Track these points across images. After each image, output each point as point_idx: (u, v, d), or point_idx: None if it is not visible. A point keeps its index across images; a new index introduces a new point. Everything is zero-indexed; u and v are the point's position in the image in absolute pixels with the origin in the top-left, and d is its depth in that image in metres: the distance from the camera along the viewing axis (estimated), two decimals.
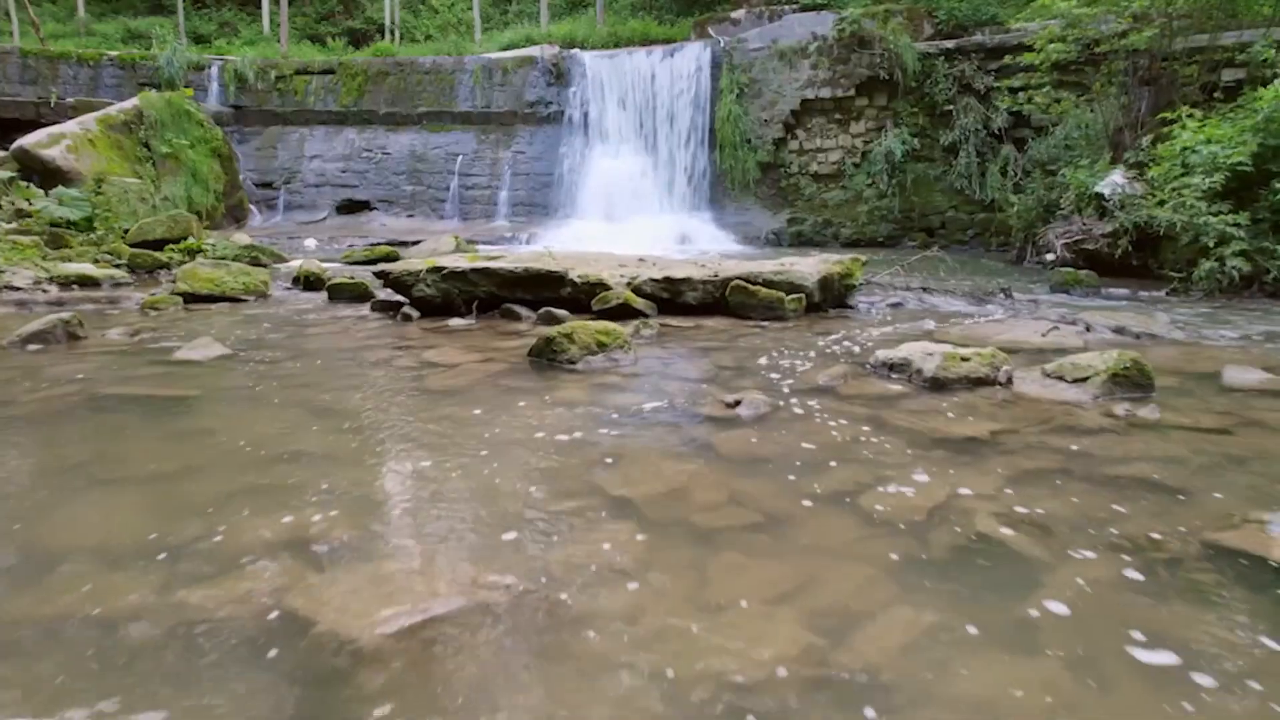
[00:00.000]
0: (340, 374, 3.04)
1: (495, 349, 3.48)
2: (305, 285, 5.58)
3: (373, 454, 2.09)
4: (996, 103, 10.31)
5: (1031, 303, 5.00)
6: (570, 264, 4.63)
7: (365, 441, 2.20)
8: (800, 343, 3.63)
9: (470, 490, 1.83)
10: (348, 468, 1.98)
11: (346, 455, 2.08)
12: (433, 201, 12.82)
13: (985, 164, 10.52)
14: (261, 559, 1.49)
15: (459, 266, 4.27)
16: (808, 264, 4.56)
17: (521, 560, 1.48)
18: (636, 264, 4.84)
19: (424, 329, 4.03)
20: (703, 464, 2.04)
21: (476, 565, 1.45)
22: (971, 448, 2.19)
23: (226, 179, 12.15)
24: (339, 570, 1.46)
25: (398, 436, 2.24)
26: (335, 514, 1.68)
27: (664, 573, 1.46)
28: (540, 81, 12.89)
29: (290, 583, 1.40)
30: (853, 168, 11.48)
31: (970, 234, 10.74)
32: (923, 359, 2.90)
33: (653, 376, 2.95)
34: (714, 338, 3.77)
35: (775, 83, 11.69)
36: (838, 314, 4.50)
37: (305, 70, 13.55)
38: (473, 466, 1.98)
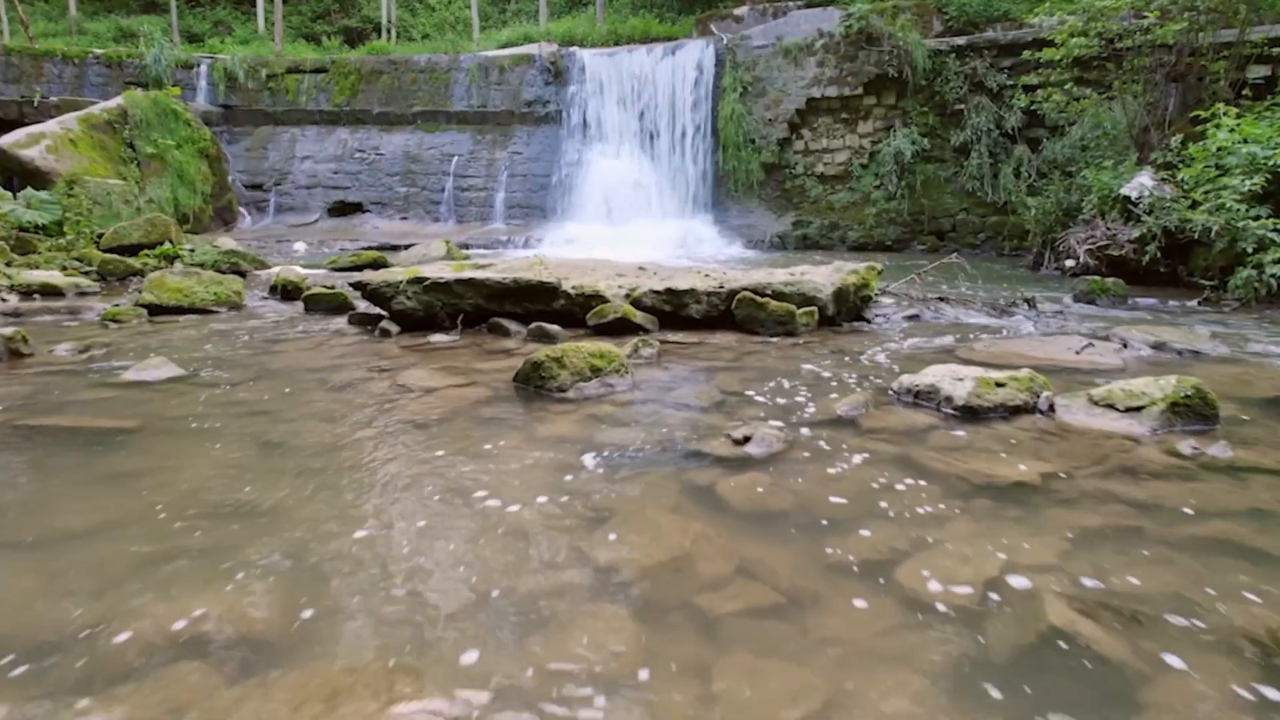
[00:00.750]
0: (303, 400, 2.73)
1: (478, 371, 3.16)
2: (283, 295, 5.27)
3: (323, 509, 1.78)
4: (1010, 101, 9.99)
5: (1057, 314, 4.68)
6: (564, 273, 4.32)
7: (316, 491, 1.88)
8: (814, 363, 3.32)
9: (434, 563, 1.52)
10: (289, 527, 1.67)
11: (291, 510, 1.77)
12: (427, 204, 12.51)
13: (998, 165, 10.20)
14: (158, 664, 1.18)
15: (442, 277, 3.96)
16: (821, 274, 4.24)
17: (484, 669, 1.17)
18: (636, 273, 4.53)
19: (403, 346, 3.72)
20: (708, 521, 1.72)
21: (427, 679, 1.14)
22: (1021, 497, 1.88)
23: (215, 180, 11.85)
24: (254, 682, 1.15)
25: (355, 485, 1.93)
26: (261, 597, 1.38)
27: (659, 682, 1.15)
28: (538, 80, 12.58)
29: (188, 702, 1.10)
30: (860, 169, 11.16)
31: (982, 238, 10.42)
32: (952, 385, 2.58)
33: (652, 405, 2.64)
34: (720, 357, 3.45)
35: (780, 81, 11.38)
36: (852, 328, 4.19)
37: (297, 69, 13.25)
38: (439, 528, 1.67)
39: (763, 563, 1.54)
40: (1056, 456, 2.15)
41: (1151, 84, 7.03)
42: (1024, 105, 9.76)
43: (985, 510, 1.80)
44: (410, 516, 1.72)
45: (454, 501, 1.81)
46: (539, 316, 4.07)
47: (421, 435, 2.31)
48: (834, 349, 3.63)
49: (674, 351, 3.55)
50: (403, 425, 2.41)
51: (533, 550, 1.57)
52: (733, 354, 3.51)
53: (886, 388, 2.82)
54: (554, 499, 1.82)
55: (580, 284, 4.09)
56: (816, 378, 3.03)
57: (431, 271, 4.06)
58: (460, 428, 2.38)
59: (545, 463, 2.06)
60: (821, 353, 3.55)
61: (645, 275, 4.44)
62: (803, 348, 3.67)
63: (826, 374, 3.10)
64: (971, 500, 1.86)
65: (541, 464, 2.05)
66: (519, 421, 2.44)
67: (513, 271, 4.28)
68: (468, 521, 1.70)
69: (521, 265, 4.40)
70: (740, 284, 4.09)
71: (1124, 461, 2.12)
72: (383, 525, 1.68)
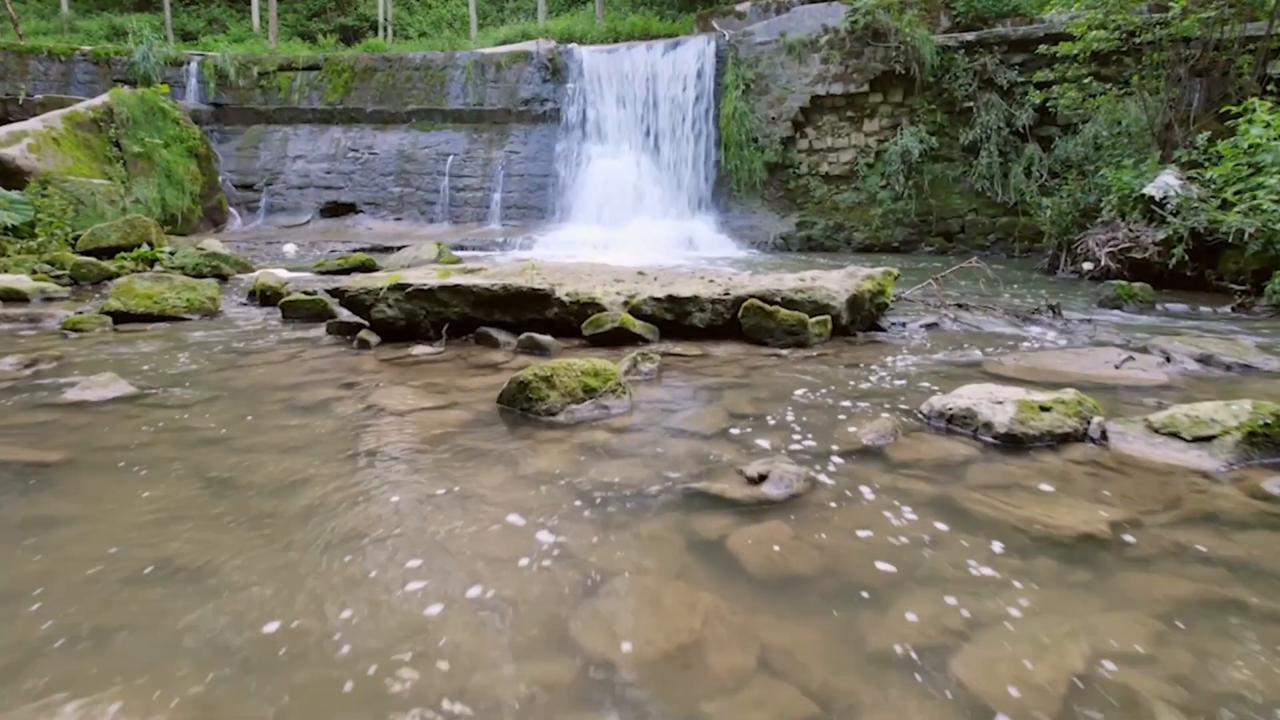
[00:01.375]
0: (262, 426, 2.43)
1: (461, 389, 2.87)
2: (262, 300, 4.98)
3: (258, 575, 1.49)
4: (1021, 99, 9.69)
5: (1084, 322, 4.38)
6: (558, 279, 4.03)
7: (254, 549, 1.59)
8: (830, 379, 3.02)
9: (385, 646, 1.22)
10: (216, 600, 1.38)
11: (224, 573, 1.48)
12: (422, 204, 12.22)
13: (1008, 164, 9.90)
14: None
15: (425, 284, 3.66)
16: (834, 279, 3.95)
17: None
18: (635, 278, 4.24)
19: (382, 359, 3.42)
20: (720, 591, 1.43)
21: None
22: (1089, 554, 1.58)
23: (204, 180, 11.56)
24: None
25: (301, 542, 1.63)
26: (161, 704, 1.08)
27: None
28: (535, 78, 12.28)
29: None
30: (866, 168, 10.86)
31: (992, 239, 10.12)
32: (991, 409, 2.29)
33: (652, 431, 2.34)
34: (726, 371, 3.16)
35: (783, 78, 11.08)
36: (867, 338, 3.89)
37: (289, 66, 12.95)
38: (396, 603, 1.37)
39: (788, 653, 1.24)
40: (1121, 499, 1.86)
41: (1173, 79, 6.73)
42: (1036, 103, 9.46)
43: (1050, 574, 1.50)
44: (357, 589, 1.43)
45: (414, 563, 1.51)
46: (530, 326, 3.78)
47: (388, 472, 2.01)
48: (850, 362, 3.33)
49: (676, 366, 3.25)
50: (369, 459, 2.11)
51: (507, 634, 1.28)
52: (740, 369, 3.21)
53: (915, 410, 2.52)
54: (536, 560, 1.52)
55: (575, 291, 3.79)
56: (834, 397, 2.74)
57: (414, 277, 3.77)
58: (434, 462, 2.08)
59: (529, 508, 1.76)
60: (837, 367, 3.25)
61: (645, 281, 4.15)
62: (816, 361, 3.37)
63: (845, 392, 2.80)
64: (1032, 559, 1.56)
65: (524, 510, 1.75)
66: (501, 453, 2.14)
67: (502, 277, 3.99)
68: (432, 593, 1.40)
69: (512, 270, 4.11)
70: (747, 291, 3.79)
71: (1201, 506, 1.82)
72: (325, 596, 1.38)
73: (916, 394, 2.77)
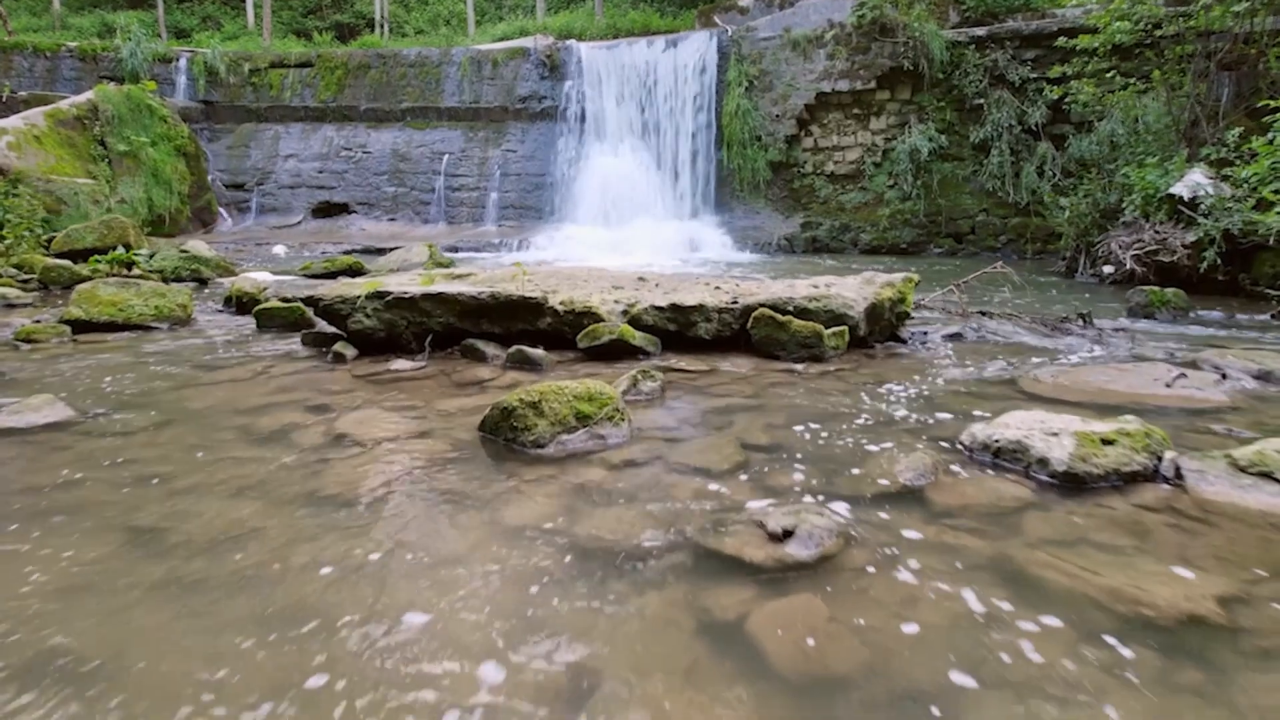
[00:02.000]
0: (211, 460, 2.13)
1: (440, 413, 2.56)
2: (238, 307, 4.68)
3: (173, 667, 1.18)
4: (1034, 95, 9.39)
5: (1119, 333, 4.08)
6: (552, 286, 3.73)
7: (173, 630, 1.29)
8: (852, 399, 2.72)
9: None
10: (120, 703, 1.07)
11: (123, 673, 1.17)
12: (416, 204, 11.91)
13: (1020, 163, 9.60)
14: None
15: (406, 292, 3.36)
16: (850, 287, 3.64)
17: None
18: (635, 285, 3.93)
19: (357, 376, 3.12)
20: (740, 699, 1.12)
21: None
22: (1199, 645, 1.28)
23: (192, 179, 11.26)
24: None
25: (232, 624, 1.32)
26: None
27: None
28: (533, 74, 11.97)
29: None
30: (873, 167, 10.56)
31: (1003, 240, 9.81)
32: (1045, 442, 1.99)
33: (655, 467, 2.03)
34: (736, 390, 2.85)
35: (788, 75, 10.77)
36: (887, 351, 3.59)
37: (281, 63, 12.65)
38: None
39: None
40: (1218, 562, 1.55)
41: (1200, 74, 6.43)
42: (1050, 100, 9.15)
43: (1153, 675, 1.20)
44: (291, 689, 1.12)
45: (360, 658, 1.20)
46: (521, 337, 3.48)
47: (346, 524, 1.70)
48: (873, 379, 3.03)
49: (680, 384, 2.95)
50: (325, 504, 1.81)
51: None
52: (751, 387, 2.91)
53: (954, 441, 2.22)
54: (512, 652, 1.22)
55: (570, 299, 3.49)
56: (859, 421, 2.43)
57: (395, 285, 3.46)
58: (400, 510, 1.77)
59: (507, 577, 1.46)
60: (858, 384, 2.95)
61: (645, 288, 3.85)
62: (834, 377, 3.07)
63: (871, 416, 2.50)
64: (1126, 651, 1.26)
65: (502, 581, 1.45)
66: (479, 498, 1.83)
67: (492, 284, 3.69)
68: (375, 709, 1.09)
69: (502, 276, 3.81)
70: (756, 299, 3.49)
71: None
72: (241, 707, 1.08)
73: (952, 418, 2.47)
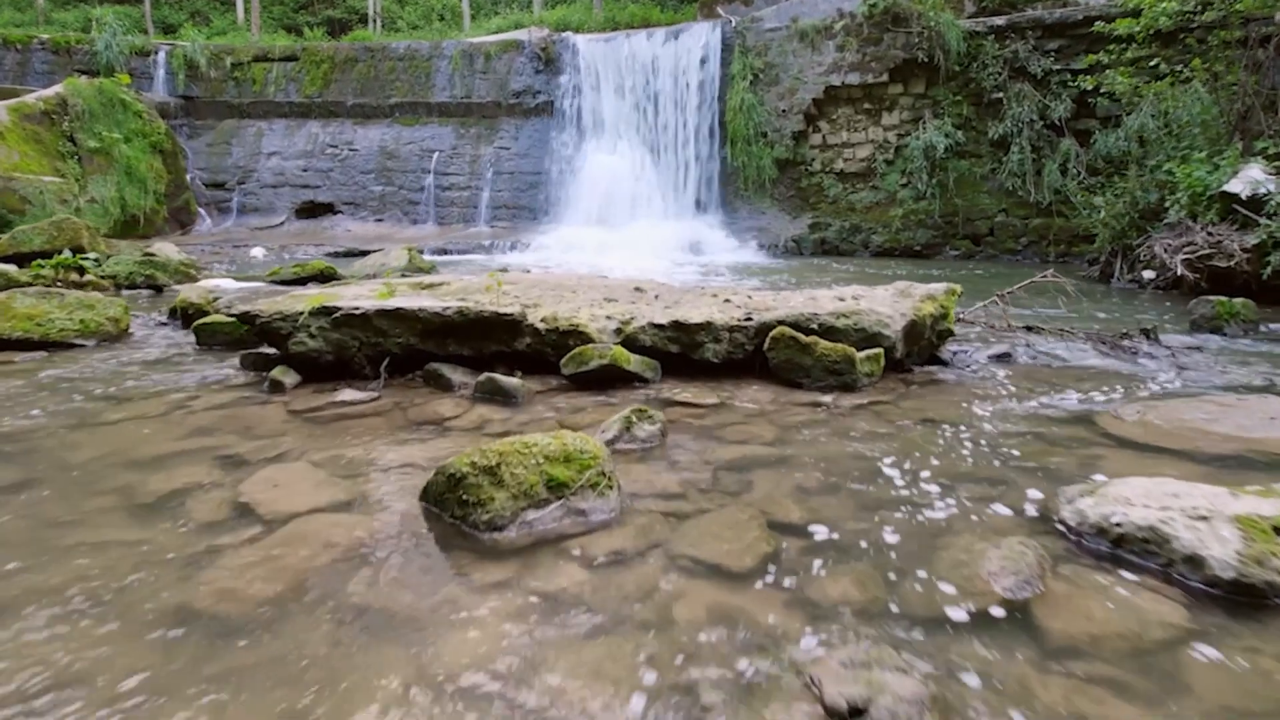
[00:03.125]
0: (64, 543, 1.59)
1: (383, 468, 2.02)
2: (184, 320, 4.14)
3: None
4: (1057, 88, 8.85)
5: (1193, 352, 3.53)
6: (533, 298, 3.19)
7: None
8: (899, 446, 2.17)
9: None
10: None
11: None
12: (404, 204, 11.38)
13: (1042, 160, 9.06)
14: None
15: (358, 308, 2.82)
16: (883, 300, 3.10)
17: None
18: (630, 296, 3.39)
19: (293, 411, 2.58)
20: None
21: None
22: None
23: (169, 178, 10.73)
24: None
25: None
26: None
27: None
28: (527, 68, 11.44)
29: None
30: (885, 165, 10.02)
31: (1024, 242, 9.27)
32: (1191, 530, 1.45)
33: (651, 565, 1.49)
34: (754, 433, 2.31)
35: (795, 67, 10.24)
36: (927, 376, 3.05)
37: (265, 56, 12.11)
38: None
39: None
40: None
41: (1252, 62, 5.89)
42: (1077, 92, 8.61)
43: None
44: None
45: None
46: (496, 360, 2.94)
47: (209, 669, 1.16)
48: (918, 416, 2.49)
49: (685, 422, 2.41)
50: (191, 633, 1.26)
51: None
52: (772, 427, 2.36)
53: (1049, 514, 1.68)
54: None
55: (553, 316, 2.95)
56: (915, 481, 1.89)
57: (347, 299, 2.92)
58: (289, 647, 1.23)
59: None
60: (903, 425, 2.41)
61: (643, 300, 3.31)
62: (871, 413, 2.53)
63: (929, 473, 1.95)
64: None
65: None
66: (406, 620, 1.29)
67: (464, 295, 3.16)
68: None
69: (475, 287, 3.27)
70: (774, 315, 2.95)
71: None
72: None
73: (1033, 475, 1.93)
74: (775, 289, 4.21)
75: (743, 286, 4.89)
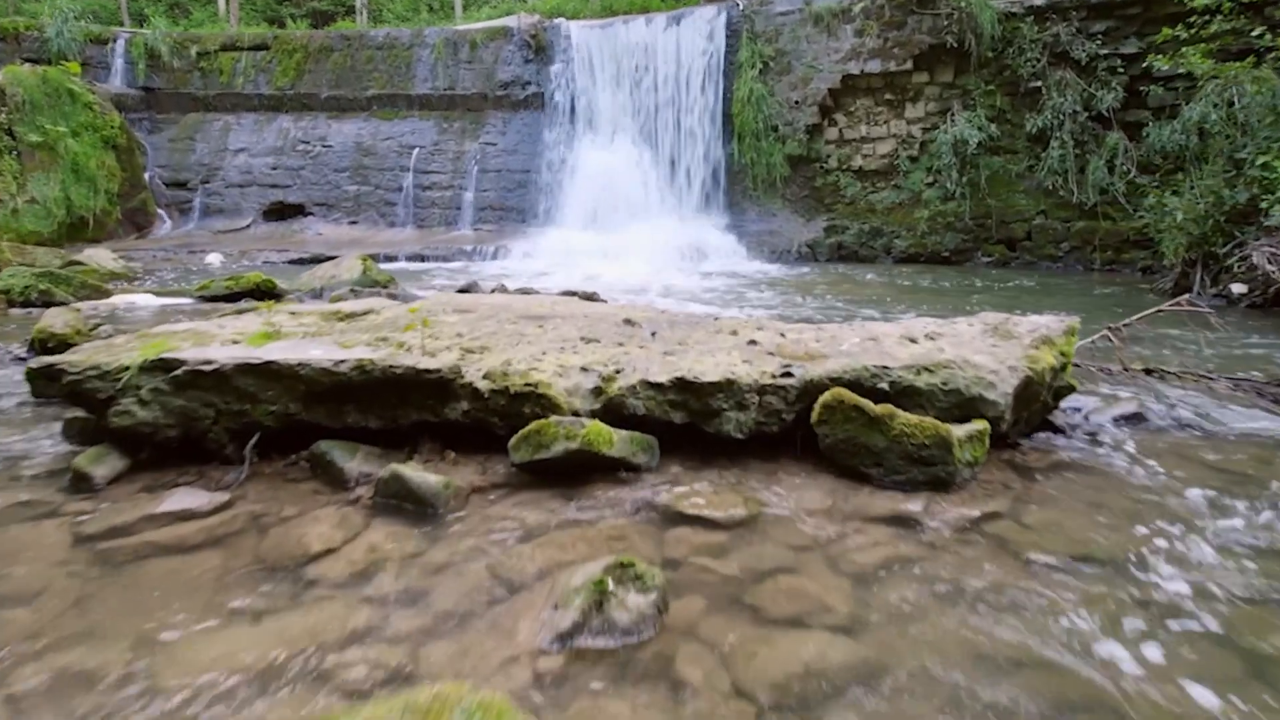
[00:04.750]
0: None
1: (165, 713, 1.09)
2: (44, 354, 3.20)
3: None
4: (1105, 75, 7.91)
5: None
6: (481, 340, 2.27)
7: None
8: (1062, 618, 1.24)
9: None
10: None
11: None
12: (381, 205, 10.45)
13: (1085, 156, 8.12)
14: None
15: (213, 361, 1.90)
16: (973, 342, 2.17)
17: None
18: (618, 332, 2.46)
19: (83, 537, 1.65)
20: None
21: None
22: None
23: (124, 176, 9.81)
24: None
25: None
26: None
27: None
28: (516, 57, 10.51)
29: None
30: (908, 162, 9.09)
31: (1065, 248, 8.33)
32: None
33: None
34: (811, 597, 1.39)
35: (809, 55, 9.31)
36: (1043, 455, 2.12)
37: (233, 45, 11.19)
38: None
39: None
40: None
41: None
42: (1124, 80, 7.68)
43: None
44: None
45: None
46: (419, 434, 2.02)
47: None
48: (1066, 546, 1.57)
49: (698, 576, 1.48)
50: None
51: None
52: (842, 586, 1.44)
53: None
54: None
55: (502, 368, 2.03)
56: None
57: (191, 352, 1.99)
58: None
59: None
60: (1042, 564, 1.48)
61: (635, 340, 2.38)
62: (991, 542, 1.60)
63: (1139, 701, 1.02)
64: None
65: None
66: None
67: (391, 331, 2.23)
68: None
69: (388, 322, 2.34)
70: (825, 370, 2.02)
71: None
72: None
73: None
74: (810, 321, 3.29)
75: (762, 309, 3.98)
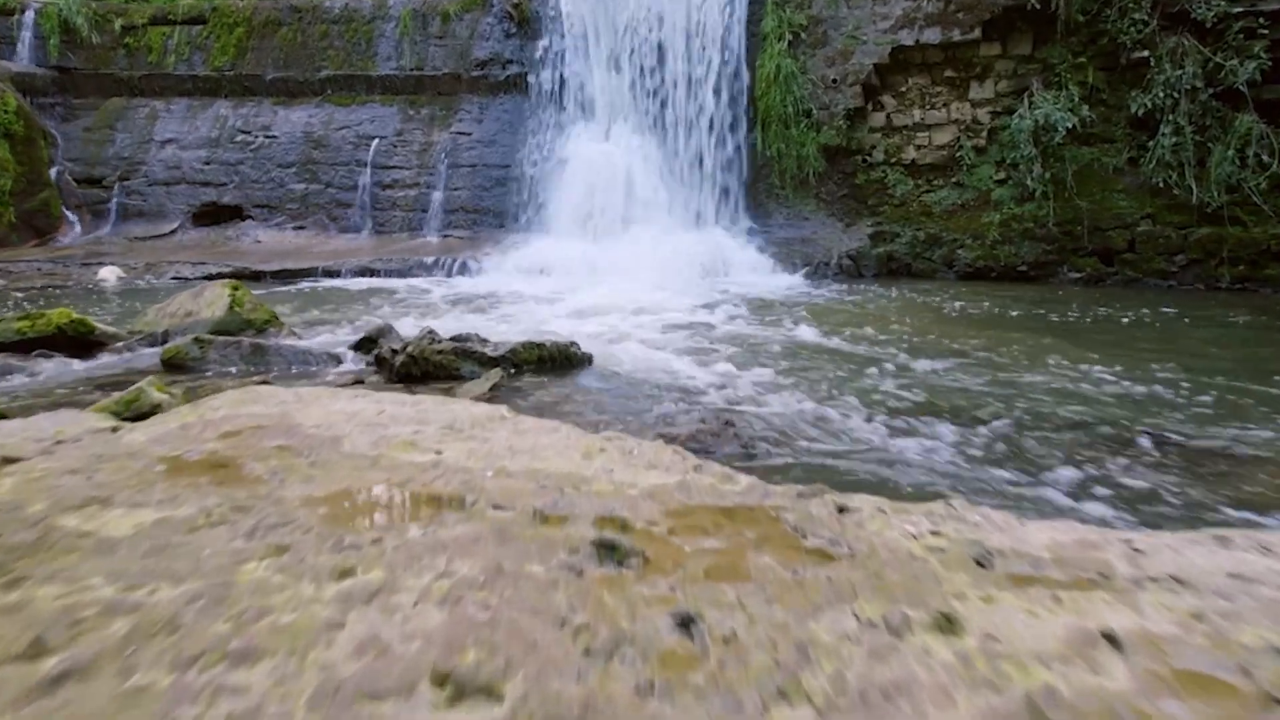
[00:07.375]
0: None
1: None
2: None
3: None
4: (1237, 40, 6.20)
5: None
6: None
7: None
8: None
9: None
10: None
11: None
12: (332, 206, 8.79)
13: (1208, 145, 6.41)
14: None
15: None
16: None
17: None
18: None
19: None
20: None
21: None
22: None
23: (21, 172, 8.17)
24: None
25: None
26: None
27: None
28: (495, 31, 8.84)
29: None
30: (974, 154, 7.37)
31: (1181, 261, 6.61)
32: None
33: None
34: None
35: (849, 23, 7.62)
36: None
37: (165, 19, 9.55)
38: None
39: None
40: None
41: None
42: (1266, 45, 5.97)
43: None
44: None
45: None
46: None
47: None
48: None
49: None
50: None
51: None
52: None
53: None
54: None
55: None
56: None
57: None
58: None
59: None
60: None
61: None
62: None
63: None
64: None
65: None
66: None
67: None
68: None
69: None
70: None
71: None
72: None
73: None
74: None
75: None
